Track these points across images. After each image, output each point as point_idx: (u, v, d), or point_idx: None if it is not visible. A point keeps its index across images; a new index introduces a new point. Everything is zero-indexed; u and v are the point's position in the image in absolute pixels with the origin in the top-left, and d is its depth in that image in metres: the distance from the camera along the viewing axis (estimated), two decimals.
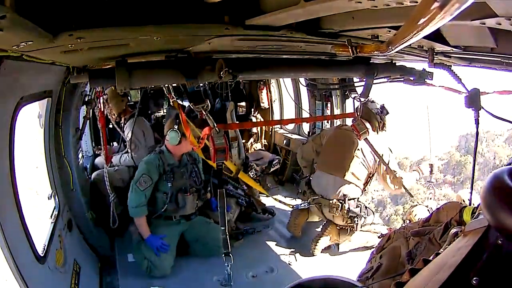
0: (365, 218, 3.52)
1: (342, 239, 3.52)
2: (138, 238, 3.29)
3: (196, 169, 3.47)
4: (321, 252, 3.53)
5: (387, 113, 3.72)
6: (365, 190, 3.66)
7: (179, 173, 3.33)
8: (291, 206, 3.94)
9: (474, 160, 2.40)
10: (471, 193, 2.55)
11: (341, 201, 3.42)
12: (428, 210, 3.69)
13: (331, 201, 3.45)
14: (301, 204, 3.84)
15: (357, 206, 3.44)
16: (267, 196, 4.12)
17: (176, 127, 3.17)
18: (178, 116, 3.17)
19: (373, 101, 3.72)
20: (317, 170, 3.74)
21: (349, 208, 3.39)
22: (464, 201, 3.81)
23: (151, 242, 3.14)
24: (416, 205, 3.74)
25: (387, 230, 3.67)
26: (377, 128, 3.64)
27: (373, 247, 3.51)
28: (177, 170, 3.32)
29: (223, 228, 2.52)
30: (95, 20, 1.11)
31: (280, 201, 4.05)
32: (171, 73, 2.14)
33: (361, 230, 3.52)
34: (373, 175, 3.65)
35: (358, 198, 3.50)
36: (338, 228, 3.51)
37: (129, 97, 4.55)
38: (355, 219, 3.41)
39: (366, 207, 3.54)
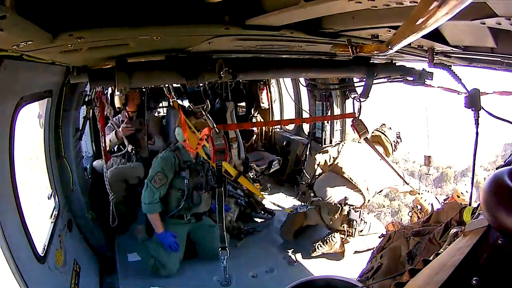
0: (365, 223, 3.52)
1: (346, 247, 3.49)
2: (143, 237, 3.28)
3: (212, 167, 3.41)
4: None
5: (401, 141, 3.96)
6: (366, 205, 3.65)
7: (195, 170, 3.30)
8: (289, 211, 3.93)
9: (474, 161, 2.40)
10: (471, 193, 2.55)
11: (341, 204, 3.41)
12: (436, 197, 3.73)
13: (331, 204, 3.44)
14: (299, 206, 3.82)
15: (356, 211, 3.42)
16: (263, 197, 4.08)
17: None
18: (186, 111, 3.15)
19: (390, 128, 3.90)
20: (329, 172, 3.73)
21: (349, 211, 3.38)
22: (462, 193, 3.85)
23: (163, 238, 3.12)
24: (423, 193, 3.79)
25: (385, 229, 3.69)
26: (390, 154, 3.84)
27: (373, 249, 3.53)
28: (194, 167, 3.29)
29: (220, 224, 2.51)
30: (95, 20, 1.11)
31: (278, 205, 4.03)
32: (171, 73, 2.13)
33: (360, 235, 3.52)
34: (380, 191, 3.73)
35: (358, 206, 3.49)
36: (341, 237, 3.46)
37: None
38: (353, 223, 3.39)
39: (364, 214, 3.55)
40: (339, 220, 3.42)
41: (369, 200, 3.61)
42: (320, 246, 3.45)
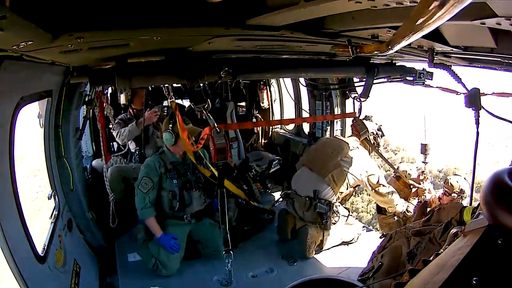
0: (338, 217, 3.53)
1: (326, 235, 3.51)
2: (143, 237, 3.29)
3: (205, 165, 3.42)
4: (316, 251, 3.52)
5: (383, 135, 3.87)
6: (340, 198, 3.61)
7: (183, 170, 3.32)
8: (269, 208, 3.93)
9: (475, 162, 2.40)
10: (471, 194, 2.56)
11: (310, 197, 3.39)
12: (464, 178, 3.64)
13: (302, 197, 3.43)
14: (277, 201, 3.79)
15: (326, 205, 3.39)
16: (247, 199, 4.03)
17: (171, 127, 3.17)
18: (172, 116, 3.18)
19: (371, 120, 3.83)
20: (301, 167, 3.71)
21: (316, 204, 3.36)
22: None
23: (164, 241, 3.14)
24: (450, 177, 3.68)
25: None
26: (368, 148, 3.75)
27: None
28: (181, 167, 3.31)
29: (223, 226, 2.51)
30: (96, 20, 1.11)
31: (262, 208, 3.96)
32: (171, 73, 2.14)
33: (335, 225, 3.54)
34: (353, 187, 3.64)
35: (330, 201, 3.45)
36: (316, 227, 3.46)
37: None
38: (324, 216, 3.37)
39: (337, 207, 3.54)
40: (311, 213, 3.41)
41: (341, 193, 3.55)
42: (309, 246, 3.43)
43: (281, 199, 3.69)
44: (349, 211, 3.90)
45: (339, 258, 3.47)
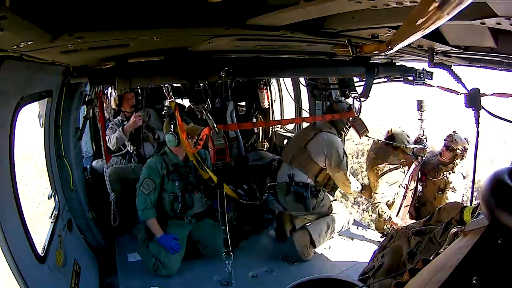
0: (316, 199, 3.57)
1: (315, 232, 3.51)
2: (144, 237, 3.29)
3: (202, 167, 3.41)
4: (315, 251, 3.52)
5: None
6: (317, 182, 3.68)
7: (185, 172, 3.31)
8: (258, 202, 3.89)
9: (475, 162, 2.40)
10: (472, 194, 2.55)
11: (287, 182, 3.54)
12: (465, 138, 3.63)
13: (279, 184, 3.57)
14: (265, 195, 3.81)
15: (302, 186, 3.51)
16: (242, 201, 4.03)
17: (172, 128, 3.17)
18: (172, 117, 3.17)
19: (341, 101, 3.90)
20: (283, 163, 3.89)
21: (292, 185, 3.50)
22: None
23: (164, 241, 3.14)
24: (455, 134, 3.67)
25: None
26: (340, 132, 3.85)
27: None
28: (182, 169, 3.31)
29: (223, 227, 2.52)
30: (96, 20, 1.11)
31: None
32: (171, 73, 2.14)
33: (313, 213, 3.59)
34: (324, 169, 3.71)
35: (307, 183, 3.56)
36: (301, 232, 3.48)
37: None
38: (302, 197, 3.47)
39: (315, 188, 3.60)
40: (290, 197, 3.52)
41: (316, 176, 3.62)
42: (305, 246, 3.41)
43: (267, 192, 3.75)
44: (333, 196, 3.94)
45: (339, 258, 3.48)
